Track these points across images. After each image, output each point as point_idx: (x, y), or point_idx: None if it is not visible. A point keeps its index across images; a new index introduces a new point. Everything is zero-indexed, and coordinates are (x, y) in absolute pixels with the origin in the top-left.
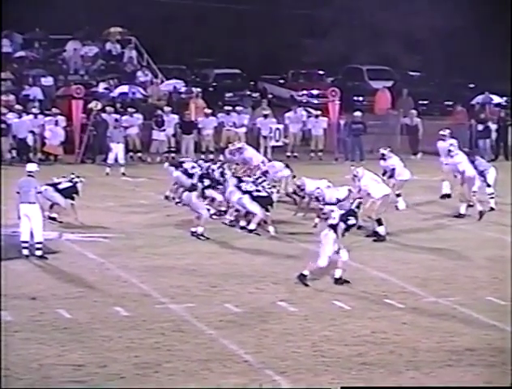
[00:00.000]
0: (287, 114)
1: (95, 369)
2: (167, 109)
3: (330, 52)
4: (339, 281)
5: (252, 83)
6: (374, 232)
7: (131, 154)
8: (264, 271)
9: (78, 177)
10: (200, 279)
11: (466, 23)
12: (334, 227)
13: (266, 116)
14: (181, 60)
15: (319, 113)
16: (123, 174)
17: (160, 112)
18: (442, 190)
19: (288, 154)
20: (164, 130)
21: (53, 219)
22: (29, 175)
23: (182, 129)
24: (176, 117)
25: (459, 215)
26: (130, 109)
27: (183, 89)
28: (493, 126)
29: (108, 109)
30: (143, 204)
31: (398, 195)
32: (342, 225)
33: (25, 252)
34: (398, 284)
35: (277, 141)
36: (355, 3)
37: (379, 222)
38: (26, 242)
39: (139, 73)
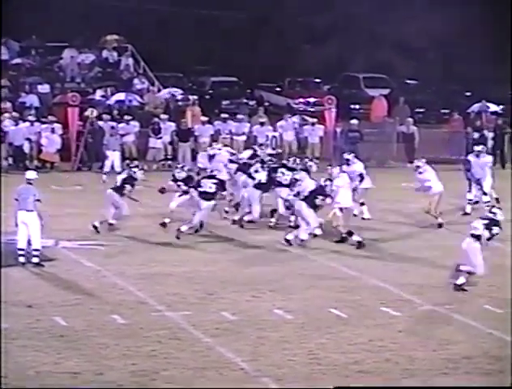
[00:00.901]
0: (279, 123)
1: (91, 377)
2: (164, 116)
3: (327, 60)
4: (458, 287)
5: (249, 90)
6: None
7: (128, 162)
8: (261, 278)
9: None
10: (197, 287)
11: (463, 31)
12: (477, 237)
13: (262, 124)
14: (177, 68)
15: (315, 120)
16: None
17: (156, 119)
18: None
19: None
20: (161, 138)
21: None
22: (28, 182)
23: (179, 136)
24: (173, 124)
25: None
26: (126, 117)
27: (180, 97)
28: (489, 134)
29: (104, 116)
30: (140, 211)
31: (362, 204)
32: (486, 234)
33: (21, 259)
34: (395, 291)
35: (273, 149)
36: (351, 11)
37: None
38: (23, 250)
39: (136, 80)
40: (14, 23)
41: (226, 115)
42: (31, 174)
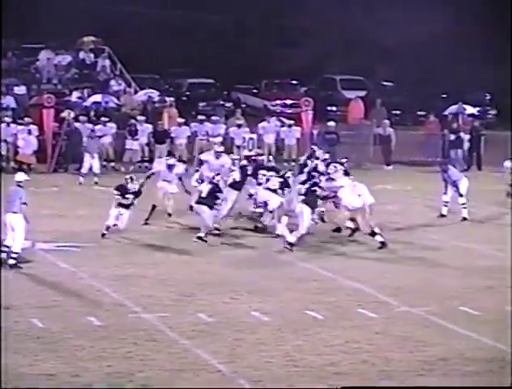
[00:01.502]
0: (260, 124)
1: (67, 379)
2: (140, 118)
3: (304, 62)
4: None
5: (225, 92)
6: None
7: (104, 163)
8: (238, 280)
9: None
10: (172, 289)
11: (439, 33)
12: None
13: (239, 125)
14: (154, 69)
15: (292, 122)
16: (96, 183)
17: (133, 121)
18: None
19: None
20: (138, 140)
21: (218, 229)
22: (18, 185)
23: (155, 138)
24: (149, 126)
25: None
26: (103, 119)
27: (157, 98)
28: (466, 136)
29: (81, 118)
30: None
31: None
32: None
33: (3, 255)
34: (371, 293)
35: (250, 150)
36: (328, 13)
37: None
38: (8, 247)
39: (113, 82)
40: None
41: (203, 117)
42: (20, 176)
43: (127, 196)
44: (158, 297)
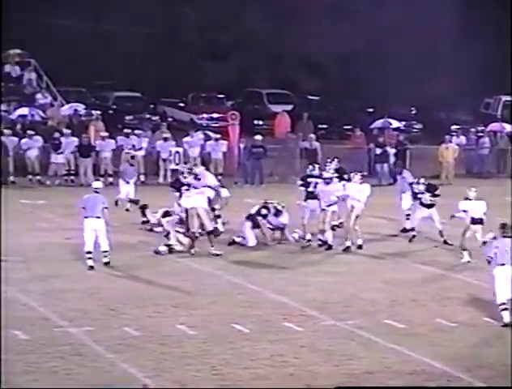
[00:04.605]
0: (185, 139)
1: None
2: (66, 131)
3: (230, 75)
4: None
5: (152, 106)
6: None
7: (30, 177)
8: (163, 294)
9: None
10: (99, 303)
11: (364, 47)
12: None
13: (165, 139)
14: (80, 82)
15: (219, 136)
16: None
17: (57, 135)
18: None
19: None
20: (62, 153)
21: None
22: (95, 191)
23: (80, 152)
24: (76, 139)
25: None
26: (29, 132)
27: (83, 112)
28: (392, 151)
29: (5, 131)
30: (42, 227)
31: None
32: None
33: (90, 262)
34: (297, 307)
35: (177, 164)
36: (254, 28)
37: None
38: (90, 253)
39: (39, 95)
40: None
41: (128, 130)
42: (97, 184)
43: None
44: (85, 310)
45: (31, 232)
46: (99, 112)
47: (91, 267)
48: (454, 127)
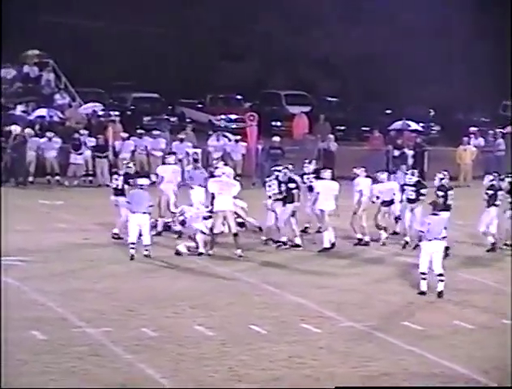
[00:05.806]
0: (210, 142)
1: None
2: (84, 132)
3: (249, 76)
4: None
5: (170, 107)
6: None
7: (49, 177)
8: (181, 295)
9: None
10: (117, 303)
11: (383, 49)
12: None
13: (181, 140)
14: (99, 83)
15: (239, 137)
16: None
17: (77, 135)
18: None
19: None
20: (82, 154)
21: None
22: (141, 188)
23: (96, 152)
24: (93, 140)
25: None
26: (48, 134)
27: (101, 112)
28: (410, 152)
29: (27, 131)
30: (61, 227)
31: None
32: None
33: (132, 251)
34: (315, 308)
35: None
36: (272, 28)
37: None
38: (134, 244)
39: (57, 96)
40: None
41: (142, 131)
42: (143, 181)
43: None
44: (103, 311)
45: (49, 232)
46: (117, 112)
47: (132, 257)
48: (472, 129)
